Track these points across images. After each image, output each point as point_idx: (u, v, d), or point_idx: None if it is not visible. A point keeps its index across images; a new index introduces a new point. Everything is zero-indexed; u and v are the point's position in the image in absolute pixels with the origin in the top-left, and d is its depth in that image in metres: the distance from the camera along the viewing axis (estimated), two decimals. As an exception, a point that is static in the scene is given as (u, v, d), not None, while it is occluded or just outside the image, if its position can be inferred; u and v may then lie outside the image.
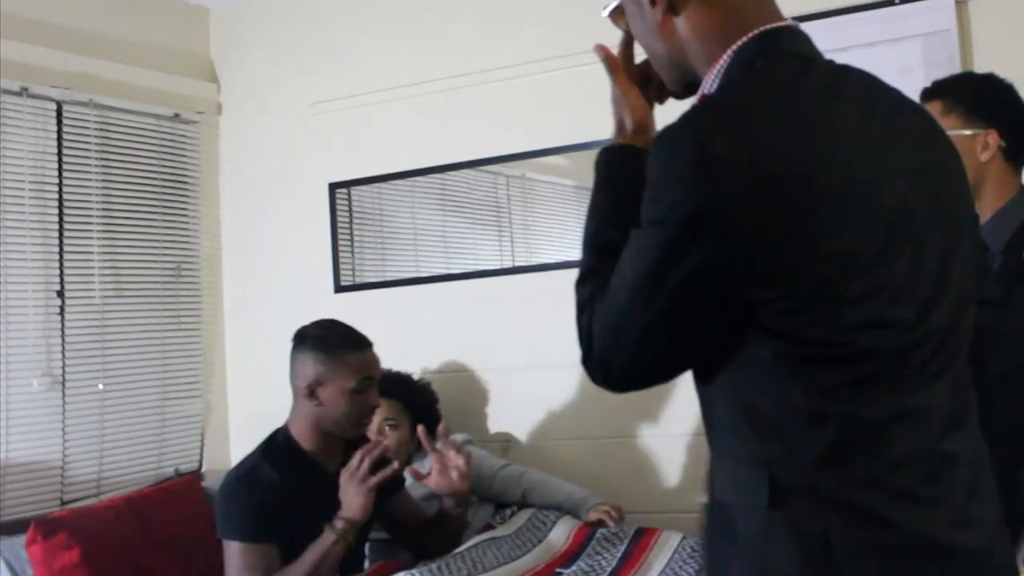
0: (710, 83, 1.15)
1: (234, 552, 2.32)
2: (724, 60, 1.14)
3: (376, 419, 2.94)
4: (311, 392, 2.42)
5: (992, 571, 1.11)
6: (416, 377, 3.12)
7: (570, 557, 2.58)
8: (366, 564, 2.66)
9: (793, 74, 1.09)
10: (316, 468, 2.45)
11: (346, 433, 2.47)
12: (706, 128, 1.03)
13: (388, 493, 2.56)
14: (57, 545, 2.51)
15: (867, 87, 1.15)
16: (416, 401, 3.03)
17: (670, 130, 1.05)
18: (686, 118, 1.05)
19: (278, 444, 2.45)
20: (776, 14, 1.17)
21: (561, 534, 2.69)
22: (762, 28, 1.13)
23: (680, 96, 1.26)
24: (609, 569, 2.46)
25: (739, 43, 1.13)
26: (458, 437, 3.06)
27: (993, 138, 1.89)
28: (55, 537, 2.52)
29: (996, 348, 1.77)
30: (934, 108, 1.93)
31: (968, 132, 1.89)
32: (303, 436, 2.45)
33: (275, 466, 2.39)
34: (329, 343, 2.46)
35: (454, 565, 2.39)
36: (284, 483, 2.36)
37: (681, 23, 1.17)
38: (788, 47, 1.13)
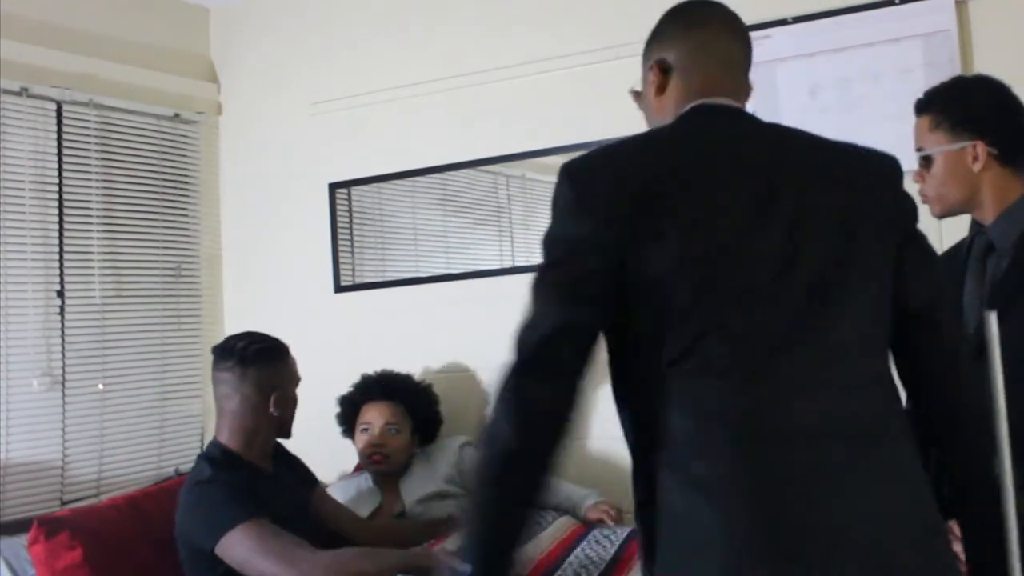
0: None
1: (240, 537, 2.21)
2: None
3: (378, 424, 2.94)
4: (277, 401, 2.46)
5: None
6: (417, 378, 3.12)
7: (561, 553, 2.55)
8: None
9: (682, 133, 1.39)
10: (256, 472, 2.46)
11: (284, 433, 2.53)
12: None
13: (310, 487, 2.65)
14: (59, 544, 2.51)
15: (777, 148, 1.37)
16: (418, 404, 3.03)
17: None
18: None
19: (218, 458, 2.44)
20: (726, 92, 1.43)
21: (553, 533, 2.68)
22: (696, 104, 1.42)
23: None
24: (597, 573, 2.43)
25: (679, 112, 1.42)
26: (458, 439, 3.07)
27: (981, 149, 1.90)
28: (57, 536, 2.52)
29: (1005, 346, 1.78)
30: (923, 123, 1.96)
31: (955, 146, 1.91)
32: (240, 447, 2.46)
33: (226, 473, 2.38)
34: (266, 353, 2.49)
35: None
36: (241, 485, 2.36)
37: (664, 98, 1.47)
38: (698, 118, 1.40)
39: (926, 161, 1.95)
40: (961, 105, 1.95)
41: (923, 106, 1.98)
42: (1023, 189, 1.92)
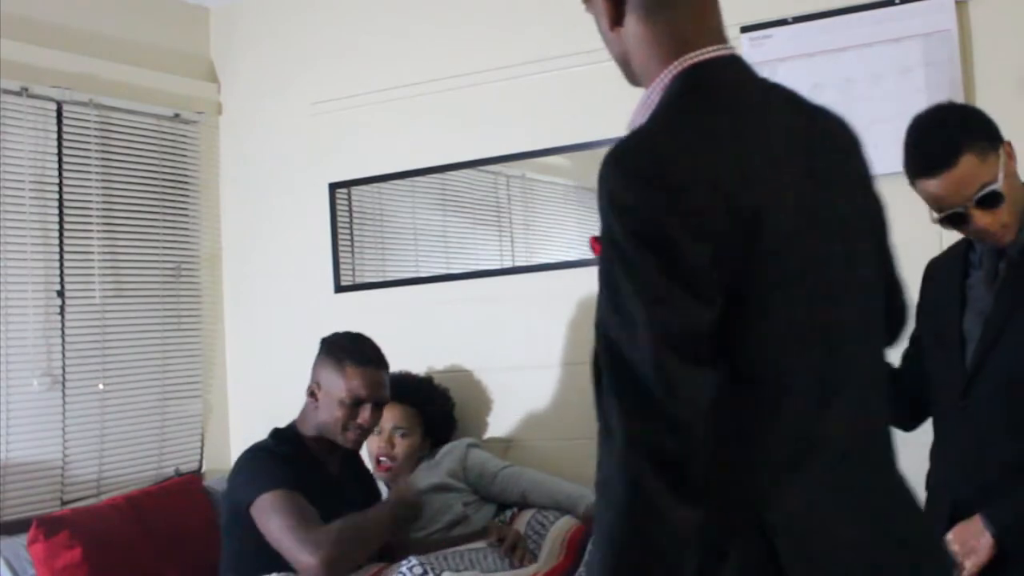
0: (648, 99, 1.21)
1: (270, 502, 2.34)
2: (659, 82, 1.20)
3: (386, 427, 2.93)
4: (312, 392, 2.57)
5: None
6: (435, 382, 3.12)
7: (563, 572, 2.56)
8: None
9: (709, 112, 1.14)
10: (318, 464, 2.53)
11: (335, 439, 2.56)
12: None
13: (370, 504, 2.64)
14: (59, 544, 2.52)
15: (788, 111, 1.22)
16: (430, 407, 3.03)
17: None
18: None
19: (285, 435, 2.57)
20: (714, 37, 1.21)
21: (557, 533, 2.68)
22: (694, 60, 1.18)
23: (636, 85, 1.30)
24: None
25: (672, 70, 1.18)
26: (465, 439, 3.07)
27: (1009, 147, 1.87)
28: (57, 536, 2.52)
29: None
30: (968, 162, 1.81)
31: (1000, 160, 1.84)
32: (306, 432, 2.57)
33: (282, 445, 2.51)
34: (340, 351, 2.58)
35: (452, 561, 2.39)
36: (295, 464, 2.46)
37: (625, 33, 1.24)
38: (712, 82, 1.18)
39: (996, 195, 1.81)
40: (983, 127, 1.87)
41: (958, 150, 1.82)
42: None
